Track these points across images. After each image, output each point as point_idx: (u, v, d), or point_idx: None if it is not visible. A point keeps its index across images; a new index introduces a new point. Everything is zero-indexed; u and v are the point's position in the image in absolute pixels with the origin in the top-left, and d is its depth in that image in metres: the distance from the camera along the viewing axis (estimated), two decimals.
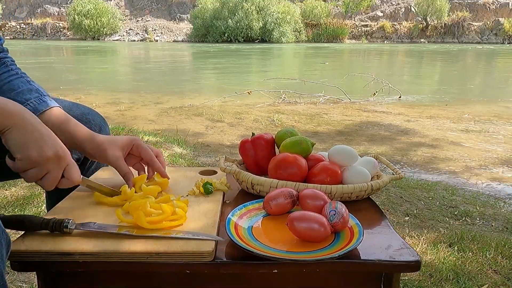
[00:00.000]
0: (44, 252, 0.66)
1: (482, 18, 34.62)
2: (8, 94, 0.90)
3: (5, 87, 0.91)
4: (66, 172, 0.75)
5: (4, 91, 0.91)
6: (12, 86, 0.92)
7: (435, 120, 4.86)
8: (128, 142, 0.92)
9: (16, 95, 0.90)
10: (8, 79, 0.93)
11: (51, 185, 0.74)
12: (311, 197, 0.78)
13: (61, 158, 0.73)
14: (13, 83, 0.92)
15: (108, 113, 4.98)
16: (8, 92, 0.90)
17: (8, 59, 0.97)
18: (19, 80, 0.93)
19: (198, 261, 0.66)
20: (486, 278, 1.53)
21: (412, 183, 2.63)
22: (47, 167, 0.72)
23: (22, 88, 0.92)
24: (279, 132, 1.05)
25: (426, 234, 1.88)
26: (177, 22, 37.57)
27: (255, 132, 1.69)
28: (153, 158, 0.93)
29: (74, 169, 0.76)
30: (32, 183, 2.34)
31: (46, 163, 0.71)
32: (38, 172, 0.72)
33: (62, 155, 0.73)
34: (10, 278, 1.48)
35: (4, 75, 0.93)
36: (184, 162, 2.89)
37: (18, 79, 0.94)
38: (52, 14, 38.70)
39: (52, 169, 0.72)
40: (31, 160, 0.70)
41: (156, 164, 0.94)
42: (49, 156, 0.71)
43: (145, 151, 0.93)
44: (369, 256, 0.68)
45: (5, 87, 0.91)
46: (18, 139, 0.69)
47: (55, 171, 0.73)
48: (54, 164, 0.72)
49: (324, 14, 34.91)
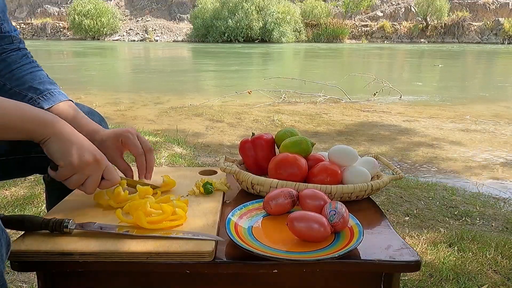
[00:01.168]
0: (44, 252, 0.66)
1: (482, 18, 34.62)
2: (29, 83, 0.95)
3: (27, 76, 0.96)
4: (105, 174, 0.78)
5: (26, 80, 0.95)
6: (34, 76, 0.96)
7: (435, 120, 4.86)
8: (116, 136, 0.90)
9: (38, 84, 0.95)
10: (31, 70, 0.98)
11: (93, 189, 0.78)
12: (311, 197, 0.78)
13: (100, 162, 0.76)
14: (35, 74, 0.98)
15: (108, 113, 4.98)
16: (30, 81, 0.95)
17: (28, 53, 1.02)
18: (40, 72, 0.99)
19: (198, 261, 0.66)
20: (486, 278, 1.53)
21: (412, 183, 2.63)
22: (88, 172, 0.75)
23: (43, 79, 0.97)
24: (279, 132, 1.05)
25: (426, 234, 1.88)
26: (177, 22, 37.57)
27: (255, 132, 1.69)
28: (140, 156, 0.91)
29: (112, 170, 0.79)
30: (32, 182, 2.34)
31: (86, 168, 0.75)
32: (80, 177, 0.75)
33: (100, 158, 0.76)
34: (10, 278, 1.48)
35: (27, 66, 0.98)
36: (184, 162, 2.89)
37: (39, 71, 0.99)
38: (52, 14, 38.71)
39: (92, 173, 0.76)
40: (73, 167, 0.73)
41: (139, 162, 0.91)
42: (89, 161, 0.74)
43: (132, 147, 0.90)
44: (369, 256, 0.68)
45: (28, 77, 0.96)
46: (59, 147, 0.72)
47: (96, 174, 0.76)
48: (94, 168, 0.76)
49: (324, 14, 34.93)
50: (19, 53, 0.99)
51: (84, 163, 0.74)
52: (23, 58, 0.99)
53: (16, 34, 0.99)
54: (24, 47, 1.02)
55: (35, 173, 1.10)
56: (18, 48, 0.99)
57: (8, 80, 0.95)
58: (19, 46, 1.00)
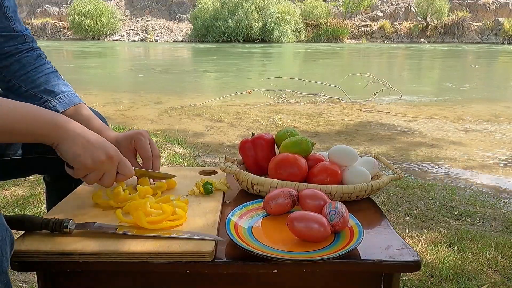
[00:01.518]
0: (44, 252, 0.66)
1: (482, 18, 34.62)
2: (45, 85, 0.97)
3: (42, 78, 0.98)
4: (119, 169, 0.80)
5: (41, 82, 0.97)
6: (48, 78, 0.98)
7: (435, 120, 4.86)
8: (129, 137, 0.93)
9: (53, 86, 0.97)
10: (45, 71, 0.99)
11: (110, 183, 0.80)
12: (311, 197, 0.78)
13: (113, 158, 0.78)
14: (50, 76, 0.99)
15: (108, 113, 4.98)
16: (45, 83, 0.97)
17: (42, 53, 1.03)
18: (54, 74, 1.01)
19: (198, 261, 0.66)
20: (486, 278, 1.53)
21: (412, 183, 2.63)
22: (103, 169, 0.77)
23: (58, 82, 0.99)
24: (279, 132, 1.05)
25: (426, 234, 1.88)
26: (177, 22, 37.58)
27: (255, 132, 1.69)
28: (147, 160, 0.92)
29: (126, 164, 0.81)
30: (32, 182, 2.34)
31: (101, 166, 0.76)
32: (96, 175, 0.78)
33: (113, 154, 0.78)
34: (10, 278, 1.48)
35: (41, 67, 1.00)
36: (184, 162, 2.89)
37: (53, 73, 1.01)
38: (52, 14, 38.71)
39: (108, 169, 0.78)
40: (87, 168, 0.76)
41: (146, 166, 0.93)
42: (102, 160, 0.76)
43: (142, 150, 0.93)
44: (369, 256, 0.68)
45: (42, 79, 0.98)
46: (71, 150, 0.74)
47: (111, 170, 0.79)
48: (108, 165, 0.78)
49: (324, 14, 34.93)
50: (34, 54, 1.00)
51: (97, 162, 0.75)
52: (38, 59, 1.00)
53: (28, 33, 1.00)
54: (37, 47, 1.03)
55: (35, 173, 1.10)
56: (31, 48, 1.00)
57: (23, 82, 0.96)
58: (32, 45, 1.00)
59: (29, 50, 0.99)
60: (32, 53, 1.00)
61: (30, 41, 1.00)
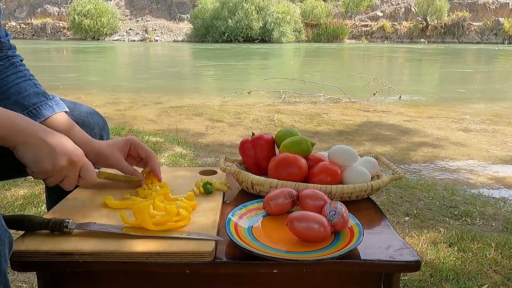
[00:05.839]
0: (44, 252, 0.66)
1: (482, 18, 34.60)
2: (15, 97, 0.91)
3: (12, 89, 0.92)
4: (81, 173, 0.79)
5: (11, 93, 0.91)
6: (19, 89, 0.92)
7: (435, 119, 4.86)
8: (126, 142, 0.94)
9: (23, 98, 0.91)
10: (16, 81, 0.93)
11: (70, 187, 0.79)
12: (311, 197, 0.78)
13: (75, 163, 0.76)
14: (21, 85, 0.93)
15: (108, 113, 4.98)
16: (15, 94, 0.91)
17: (17, 59, 0.97)
18: (26, 83, 0.94)
19: (198, 261, 0.66)
20: (486, 278, 1.53)
21: (412, 183, 2.63)
22: (63, 173, 0.76)
23: (29, 91, 0.92)
24: (279, 132, 1.05)
25: (426, 234, 1.88)
26: (177, 22, 37.55)
27: (255, 132, 1.69)
28: (151, 156, 0.94)
29: (89, 169, 0.79)
30: (32, 182, 2.34)
31: (61, 171, 0.75)
32: (56, 179, 0.76)
33: (75, 159, 0.76)
34: (10, 278, 1.48)
35: (13, 76, 0.93)
36: (184, 162, 2.89)
37: (25, 81, 0.94)
38: (52, 14, 38.68)
39: (68, 174, 0.77)
40: (47, 172, 0.74)
41: (152, 162, 0.94)
42: (63, 165, 0.74)
43: (142, 149, 0.94)
44: (369, 256, 0.68)
45: (13, 89, 0.92)
46: (30, 155, 0.72)
47: (72, 174, 0.77)
48: (70, 170, 0.76)
49: (324, 14, 34.89)
50: (7, 63, 0.94)
51: (57, 168, 0.74)
52: (10, 68, 0.94)
53: (7, 40, 0.95)
54: (14, 54, 0.97)
55: None
56: (5, 56, 0.94)
57: None
58: (7, 53, 0.95)
59: (3, 59, 0.94)
60: (5, 61, 0.94)
61: (6, 48, 0.95)
